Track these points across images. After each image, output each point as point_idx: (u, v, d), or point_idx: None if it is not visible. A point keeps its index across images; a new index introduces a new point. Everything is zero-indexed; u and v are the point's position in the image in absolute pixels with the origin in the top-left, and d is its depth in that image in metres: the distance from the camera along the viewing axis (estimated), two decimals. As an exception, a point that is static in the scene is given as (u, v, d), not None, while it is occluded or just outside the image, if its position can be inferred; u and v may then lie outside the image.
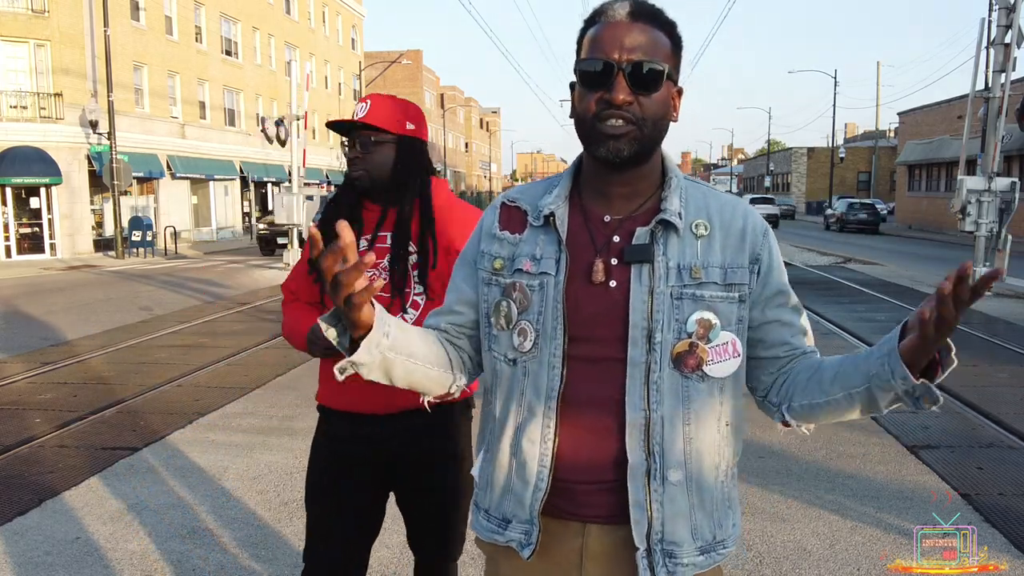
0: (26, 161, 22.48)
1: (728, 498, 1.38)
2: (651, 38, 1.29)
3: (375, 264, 2.13)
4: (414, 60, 68.06)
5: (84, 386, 6.78)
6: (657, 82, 1.28)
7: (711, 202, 1.37)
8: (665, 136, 1.35)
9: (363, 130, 2.10)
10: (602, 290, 1.31)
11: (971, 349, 8.43)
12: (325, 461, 2.22)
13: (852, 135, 76.66)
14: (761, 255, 1.35)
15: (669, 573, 1.30)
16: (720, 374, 1.32)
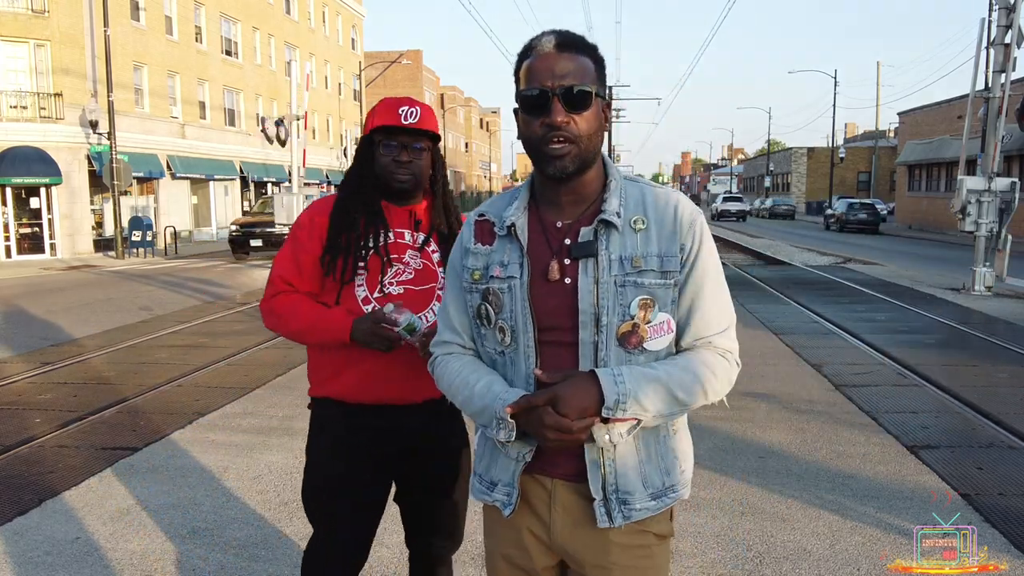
0: (26, 161, 22.48)
1: (675, 451, 1.61)
2: (577, 64, 1.50)
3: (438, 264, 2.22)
4: (414, 60, 68.05)
5: (84, 386, 6.78)
6: (587, 102, 1.50)
7: (647, 198, 1.57)
8: (601, 145, 1.57)
9: (415, 136, 2.14)
10: (559, 286, 1.54)
11: (971, 349, 8.43)
12: (344, 454, 2.21)
13: (852, 135, 76.68)
14: (686, 243, 1.54)
15: (625, 517, 1.54)
16: (656, 348, 1.54)
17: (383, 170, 2.16)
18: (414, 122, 2.12)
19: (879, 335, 8.90)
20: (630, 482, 1.55)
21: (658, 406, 1.49)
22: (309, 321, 2.15)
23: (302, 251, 2.20)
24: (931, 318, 10.24)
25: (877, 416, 5.63)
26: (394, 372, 2.14)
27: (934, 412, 5.82)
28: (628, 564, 1.58)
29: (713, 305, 1.56)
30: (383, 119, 2.14)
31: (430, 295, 2.19)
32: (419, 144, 2.15)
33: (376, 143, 2.16)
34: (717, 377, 1.54)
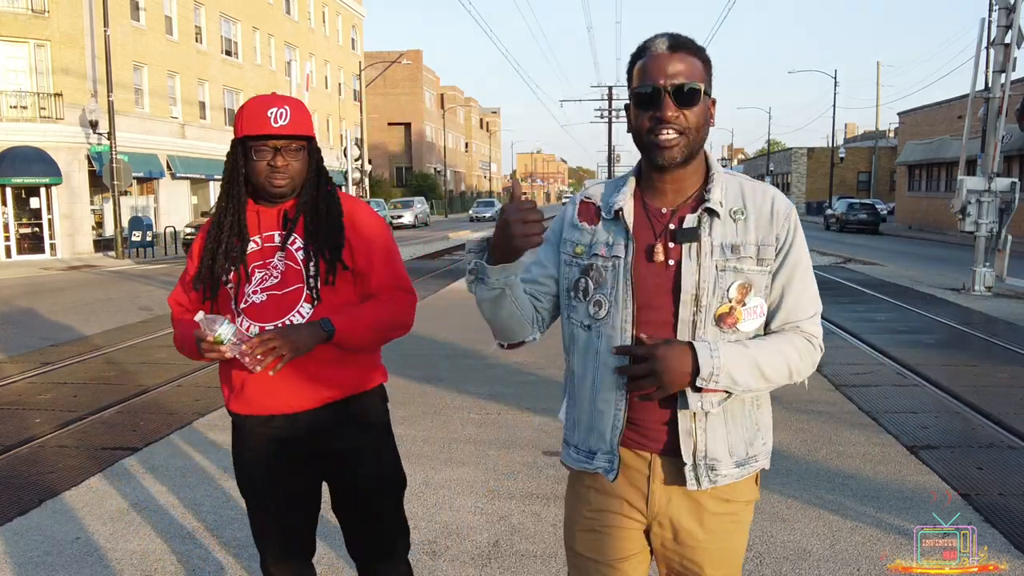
0: (26, 161, 22.50)
1: (758, 424, 1.75)
2: (688, 64, 1.62)
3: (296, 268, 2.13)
4: (414, 60, 68.03)
5: (84, 386, 6.78)
6: (696, 98, 1.62)
7: (745, 190, 1.70)
8: (703, 142, 1.68)
9: (288, 139, 2.04)
10: (662, 267, 1.67)
11: (971, 349, 8.43)
12: (250, 466, 2.21)
13: (852, 135, 76.66)
14: (781, 234, 1.68)
15: (711, 482, 1.69)
16: (748, 329, 1.67)
17: (258, 176, 2.06)
18: (285, 124, 2.01)
19: (879, 335, 8.90)
20: (717, 450, 1.69)
21: (748, 381, 1.62)
22: (177, 338, 2.23)
23: (187, 273, 2.23)
24: (931, 318, 10.24)
25: (877, 416, 5.63)
26: (289, 380, 2.07)
27: (934, 412, 5.82)
28: (717, 528, 1.75)
29: (803, 292, 1.69)
30: (252, 127, 2.01)
31: (294, 298, 2.09)
32: (294, 145, 2.05)
33: (248, 149, 2.04)
34: (802, 359, 1.68)
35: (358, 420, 2.18)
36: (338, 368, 2.11)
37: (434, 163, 70.93)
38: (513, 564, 3.42)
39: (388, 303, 2.16)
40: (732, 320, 1.66)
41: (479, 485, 4.33)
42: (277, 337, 1.99)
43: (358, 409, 2.18)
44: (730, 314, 1.65)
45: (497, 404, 5.97)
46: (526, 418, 5.62)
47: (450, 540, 3.60)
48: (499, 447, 4.97)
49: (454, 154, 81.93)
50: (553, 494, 4.21)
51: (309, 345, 2.02)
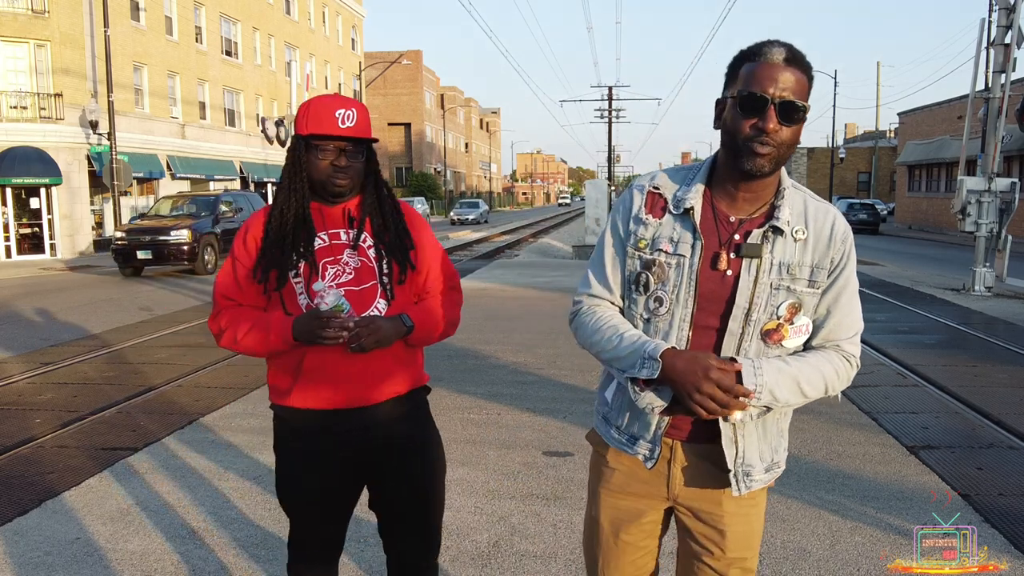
0: (26, 161, 22.49)
1: (782, 432, 1.84)
2: (798, 79, 1.61)
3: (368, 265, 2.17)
4: (414, 60, 68.03)
5: (84, 386, 6.78)
6: (799, 115, 1.62)
7: (808, 209, 1.72)
8: (787, 158, 1.67)
9: (353, 141, 2.08)
10: (720, 275, 1.70)
11: (971, 349, 8.43)
12: (302, 461, 2.22)
13: (852, 135, 76.62)
14: (836, 257, 1.71)
15: (747, 487, 1.78)
16: (792, 345, 1.72)
17: (320, 175, 2.09)
18: (351, 126, 2.04)
19: (879, 335, 8.90)
20: (752, 458, 1.77)
21: (787, 397, 1.67)
22: (251, 329, 2.11)
23: (239, 265, 2.16)
24: (931, 318, 10.24)
25: (877, 416, 5.63)
26: (352, 375, 2.11)
27: (934, 412, 5.82)
28: (736, 511, 1.82)
29: (848, 314, 1.73)
30: (319, 126, 2.05)
31: (371, 293, 2.14)
32: (357, 148, 2.09)
33: (312, 147, 2.08)
34: (839, 377, 1.72)
35: (417, 413, 2.27)
36: (407, 364, 2.21)
37: (434, 163, 70.94)
38: (513, 564, 3.42)
39: (446, 302, 2.28)
40: (778, 337, 1.70)
41: (479, 485, 4.33)
42: (377, 323, 2.05)
43: (417, 402, 2.28)
44: (777, 331, 1.70)
45: (497, 404, 5.97)
46: (526, 418, 5.62)
47: (450, 540, 3.59)
48: (499, 447, 4.97)
49: (454, 154, 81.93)
50: (553, 494, 4.21)
51: (392, 339, 2.09)
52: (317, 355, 2.09)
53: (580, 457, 4.78)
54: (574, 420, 5.54)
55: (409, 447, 2.23)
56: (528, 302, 11.79)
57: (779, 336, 1.69)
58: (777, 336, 1.69)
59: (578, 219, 46.43)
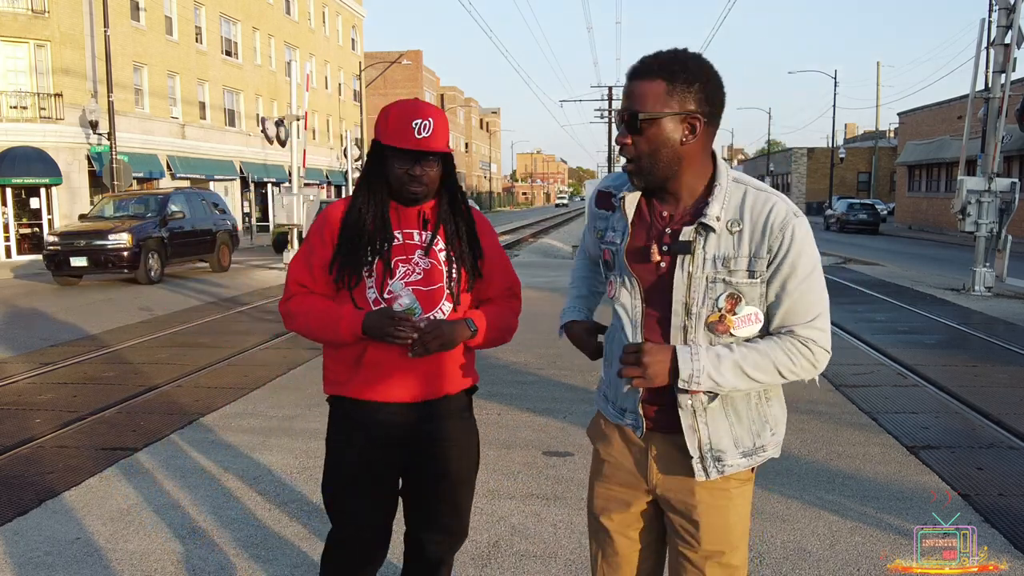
0: (26, 161, 22.49)
1: (765, 416, 1.84)
2: (641, 90, 1.69)
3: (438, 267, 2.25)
4: (414, 60, 68.04)
5: (84, 386, 6.78)
6: (642, 125, 1.69)
7: (747, 200, 1.74)
8: (680, 158, 1.72)
9: (428, 152, 2.14)
10: (655, 267, 1.78)
11: (971, 349, 8.43)
12: (360, 451, 2.24)
13: (852, 135, 76.65)
14: (774, 245, 1.71)
15: (719, 472, 1.80)
16: (744, 335, 1.75)
17: (396, 181, 2.16)
18: (426, 137, 2.10)
19: (879, 335, 8.90)
20: (722, 442, 1.80)
21: (731, 381, 1.70)
22: (322, 319, 2.18)
23: (314, 255, 2.23)
24: (931, 318, 10.24)
25: (877, 416, 5.63)
26: (410, 370, 2.19)
27: (934, 412, 5.82)
28: (708, 501, 1.83)
29: (800, 300, 1.73)
30: (395, 138, 2.11)
31: (438, 295, 2.21)
32: (432, 156, 2.15)
33: (390, 156, 2.15)
34: (793, 361, 1.72)
35: (465, 412, 2.35)
36: (466, 365, 2.30)
37: (434, 163, 70.81)
38: (513, 564, 3.42)
39: (506, 309, 2.37)
40: (724, 327, 1.74)
41: (479, 485, 4.30)
42: (442, 328, 2.13)
43: (467, 402, 2.35)
44: (721, 322, 1.74)
45: (497, 404, 5.97)
46: (526, 418, 5.62)
47: (450, 540, 3.59)
48: (499, 447, 4.97)
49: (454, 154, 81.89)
50: (553, 494, 4.21)
51: (457, 342, 2.19)
52: (379, 350, 2.16)
53: (580, 457, 4.78)
54: (574, 420, 5.54)
55: (455, 445, 2.31)
56: (528, 302, 11.72)
57: (724, 327, 1.74)
58: (723, 327, 1.74)
59: (578, 219, 46.42)
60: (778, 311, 1.74)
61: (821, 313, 1.74)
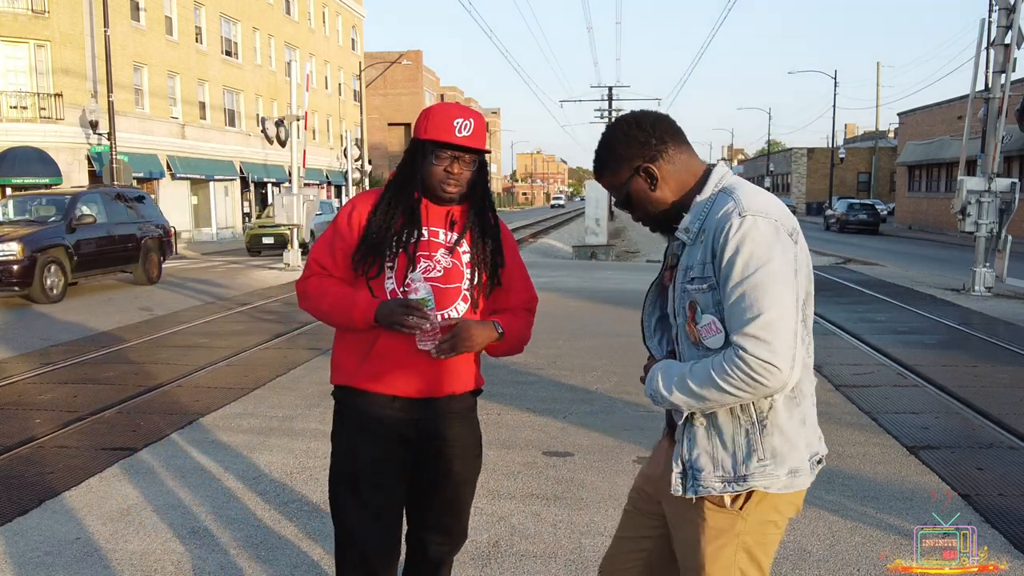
0: (26, 161, 22.49)
1: (759, 445, 1.74)
2: (605, 184, 1.93)
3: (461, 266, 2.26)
4: (414, 60, 68.03)
5: (84, 386, 6.78)
6: (628, 205, 1.89)
7: (713, 209, 1.74)
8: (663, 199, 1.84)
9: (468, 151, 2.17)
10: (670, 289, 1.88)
11: (971, 349, 8.43)
12: (367, 442, 2.23)
13: (852, 135, 76.63)
14: (717, 248, 1.69)
15: (694, 491, 1.78)
16: (714, 345, 1.71)
17: (433, 178, 2.18)
18: (467, 135, 2.14)
19: (879, 335, 8.90)
20: (701, 461, 1.77)
21: (680, 398, 1.71)
22: (336, 301, 2.21)
23: (339, 239, 2.26)
24: (931, 318, 10.24)
25: (877, 416, 5.63)
26: (419, 365, 2.19)
27: (934, 412, 5.82)
28: (681, 526, 1.86)
29: (736, 303, 1.64)
30: (437, 133, 2.15)
31: (454, 294, 2.23)
32: (470, 157, 2.18)
33: (429, 152, 2.17)
34: (726, 371, 1.62)
35: (469, 413, 2.36)
36: (472, 365, 2.32)
37: (434, 163, 70.84)
38: (513, 564, 3.42)
39: (523, 321, 2.36)
40: (693, 336, 1.76)
41: (479, 485, 4.30)
42: (471, 330, 2.15)
43: (472, 403, 2.36)
44: (690, 331, 1.76)
45: (497, 404, 5.97)
46: (526, 418, 5.62)
47: (450, 540, 3.59)
48: (499, 447, 4.97)
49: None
50: (553, 494, 4.21)
51: (483, 344, 2.21)
52: (391, 341, 2.17)
53: (580, 457, 4.78)
54: (574, 420, 5.54)
55: (458, 445, 2.31)
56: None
57: (693, 336, 1.75)
58: (692, 336, 1.76)
59: (578, 219, 46.40)
60: (725, 318, 1.67)
61: (760, 318, 1.60)
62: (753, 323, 1.60)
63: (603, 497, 4.14)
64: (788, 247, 1.66)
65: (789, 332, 1.61)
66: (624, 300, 11.56)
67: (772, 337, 1.59)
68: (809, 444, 1.79)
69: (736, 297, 1.63)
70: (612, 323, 9.68)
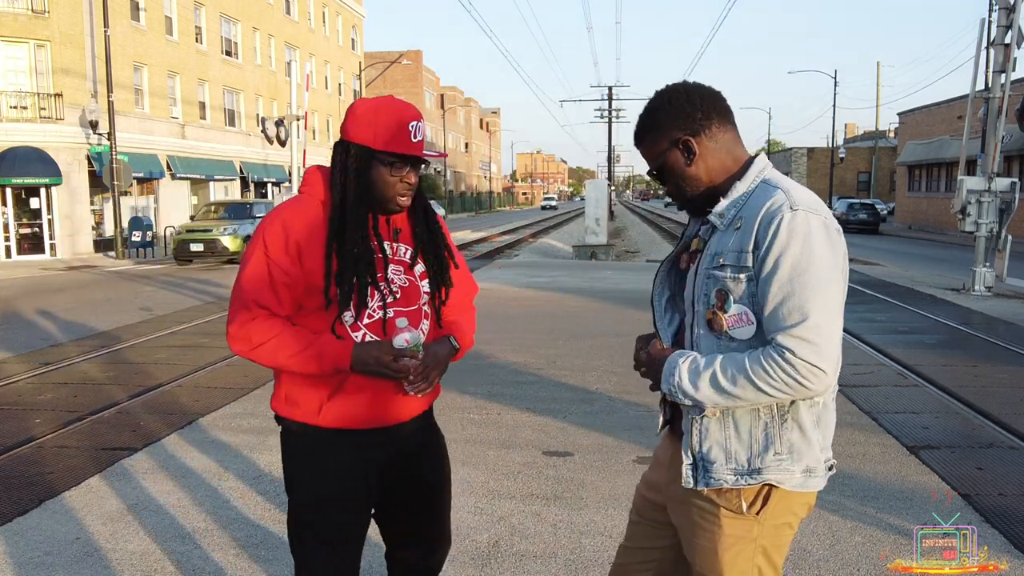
0: (26, 161, 22.48)
1: (777, 438, 1.70)
2: (643, 154, 1.85)
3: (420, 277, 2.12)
4: (414, 60, 68.04)
5: (84, 386, 6.78)
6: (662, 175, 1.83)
7: (753, 199, 1.71)
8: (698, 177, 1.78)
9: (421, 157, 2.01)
10: (687, 273, 1.83)
11: (971, 349, 8.43)
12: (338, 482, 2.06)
13: (852, 135, 76.61)
14: (760, 239, 1.64)
15: (705, 483, 1.74)
16: (742, 336, 1.68)
17: (387, 191, 1.97)
18: (421, 141, 1.98)
19: (879, 335, 8.90)
20: (713, 453, 1.73)
21: (708, 396, 1.67)
22: (298, 352, 1.93)
23: (276, 269, 1.94)
24: (931, 318, 10.24)
25: (877, 416, 5.63)
26: (387, 391, 2.02)
27: (934, 412, 5.82)
28: (688, 519, 1.82)
29: (783, 302, 1.60)
30: (394, 143, 1.93)
31: (418, 316, 2.07)
32: (423, 161, 2.02)
33: (385, 163, 1.95)
34: (768, 372, 1.59)
35: (431, 420, 2.26)
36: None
37: (434, 163, 70.94)
38: (513, 564, 3.42)
39: (471, 321, 2.26)
40: (717, 325, 1.70)
41: (479, 485, 4.33)
42: (438, 357, 2.04)
43: (431, 410, 2.25)
44: (715, 319, 1.71)
45: (497, 404, 5.97)
46: (526, 418, 5.62)
47: (450, 540, 3.59)
48: (499, 447, 4.97)
49: (454, 154, 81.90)
50: (553, 494, 4.21)
51: (447, 363, 2.11)
52: (361, 377, 1.97)
53: (580, 457, 4.78)
54: (574, 420, 5.54)
55: (431, 454, 2.23)
56: (528, 302, 11.78)
57: (718, 325, 1.70)
58: (716, 325, 1.70)
59: (578, 219, 46.40)
60: (764, 315, 1.63)
61: (808, 321, 1.57)
62: (802, 325, 1.57)
63: (603, 497, 4.14)
64: (838, 247, 1.65)
65: (836, 336, 1.60)
66: (624, 300, 11.56)
67: (821, 340, 1.57)
68: (824, 448, 1.75)
69: (784, 296, 1.59)
70: (612, 323, 9.68)
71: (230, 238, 19.39)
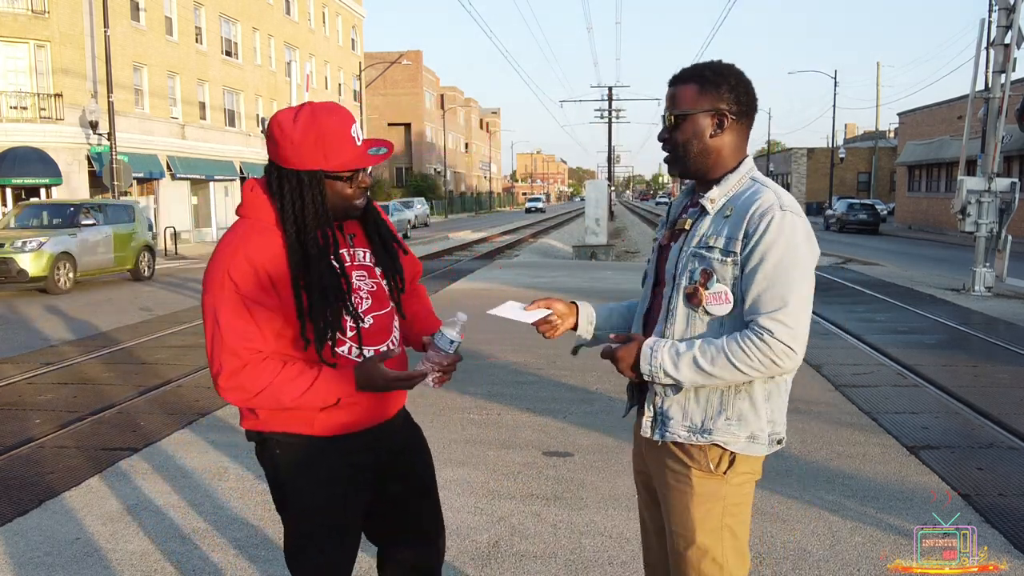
0: (26, 161, 22.49)
1: (729, 405, 1.90)
2: (680, 92, 1.93)
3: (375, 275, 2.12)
4: (414, 60, 68.03)
5: (84, 387, 6.78)
6: (676, 122, 1.94)
7: (745, 194, 1.89)
8: (710, 151, 1.92)
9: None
10: (669, 248, 2.00)
11: (971, 349, 8.43)
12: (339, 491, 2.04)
13: (852, 135, 76.60)
14: (750, 231, 1.82)
15: (660, 435, 1.96)
16: (717, 312, 1.87)
17: (345, 200, 1.93)
18: (367, 139, 1.95)
19: (879, 335, 8.90)
20: (673, 411, 1.94)
21: (688, 376, 1.83)
22: (300, 392, 1.87)
23: (255, 306, 1.85)
24: (931, 318, 10.24)
25: (877, 416, 5.63)
26: (374, 394, 2.00)
27: (934, 412, 5.82)
28: (668, 482, 1.99)
29: (766, 289, 1.79)
30: (345, 158, 1.88)
31: (391, 318, 2.08)
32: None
33: (342, 179, 1.91)
34: (746, 351, 1.77)
35: (409, 417, 2.30)
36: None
37: (434, 163, 70.94)
38: (513, 564, 3.42)
39: (428, 307, 2.32)
40: (697, 300, 1.87)
41: (479, 485, 4.33)
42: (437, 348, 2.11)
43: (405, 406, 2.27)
44: (695, 295, 1.88)
45: (497, 404, 5.97)
46: (526, 418, 5.62)
47: (450, 540, 3.58)
48: (499, 447, 4.97)
49: (454, 154, 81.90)
50: (553, 494, 4.21)
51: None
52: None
53: (580, 457, 4.78)
54: (574, 420, 5.54)
55: (412, 449, 2.25)
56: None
57: (697, 300, 1.87)
58: (696, 300, 1.88)
59: (578, 219, 46.39)
60: (746, 298, 1.81)
61: (787, 308, 1.77)
62: (782, 311, 1.77)
63: (603, 497, 4.14)
64: (814, 246, 1.86)
65: (807, 323, 1.81)
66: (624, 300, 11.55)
67: (795, 324, 1.77)
68: (771, 421, 1.93)
69: (767, 285, 1.79)
70: (612, 323, 9.66)
71: (31, 256, 13.19)
